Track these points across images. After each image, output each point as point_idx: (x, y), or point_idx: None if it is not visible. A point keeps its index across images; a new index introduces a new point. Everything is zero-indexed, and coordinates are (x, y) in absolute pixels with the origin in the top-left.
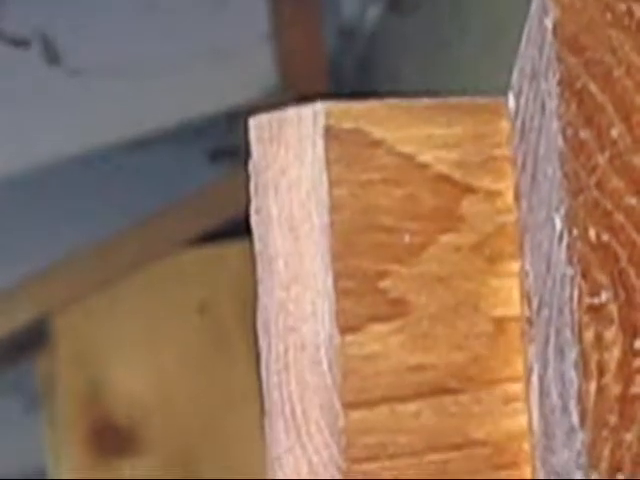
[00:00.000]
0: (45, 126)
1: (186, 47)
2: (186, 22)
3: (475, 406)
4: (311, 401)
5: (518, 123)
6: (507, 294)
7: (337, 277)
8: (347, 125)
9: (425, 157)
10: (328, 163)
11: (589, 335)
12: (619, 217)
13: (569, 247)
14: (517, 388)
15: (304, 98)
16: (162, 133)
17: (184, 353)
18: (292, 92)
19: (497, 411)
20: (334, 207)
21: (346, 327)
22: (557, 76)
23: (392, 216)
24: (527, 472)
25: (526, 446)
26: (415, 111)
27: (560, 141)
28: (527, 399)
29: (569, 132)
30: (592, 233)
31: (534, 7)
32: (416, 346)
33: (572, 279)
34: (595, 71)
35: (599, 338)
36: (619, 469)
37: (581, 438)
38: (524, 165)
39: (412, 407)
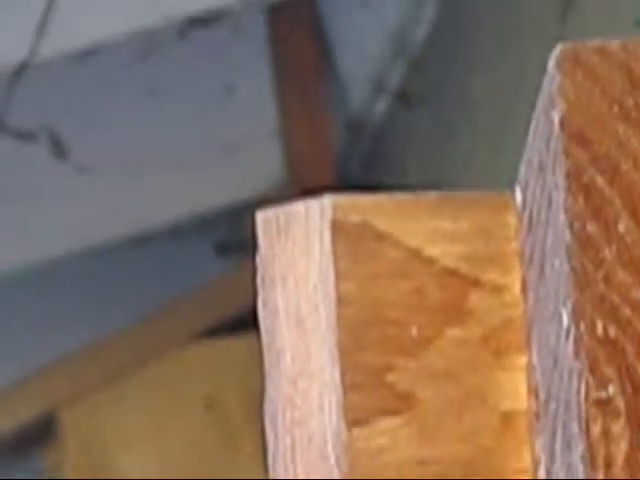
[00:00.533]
0: (51, 221)
1: (193, 141)
2: (193, 117)
3: None
4: None
5: (525, 217)
6: (514, 388)
7: (344, 371)
8: (354, 219)
9: (432, 251)
10: (335, 257)
11: (596, 429)
12: (626, 311)
13: (576, 341)
14: None
15: (311, 192)
16: (169, 227)
17: (191, 447)
18: (299, 186)
19: None
20: (341, 301)
21: (353, 421)
22: (564, 170)
23: (399, 310)
24: None
25: None
26: (422, 205)
27: (567, 235)
28: None
29: (576, 226)
30: (599, 327)
31: (541, 100)
32: (423, 440)
33: (579, 373)
34: (602, 165)
35: (606, 432)
36: None
37: None
38: (531, 259)
39: None
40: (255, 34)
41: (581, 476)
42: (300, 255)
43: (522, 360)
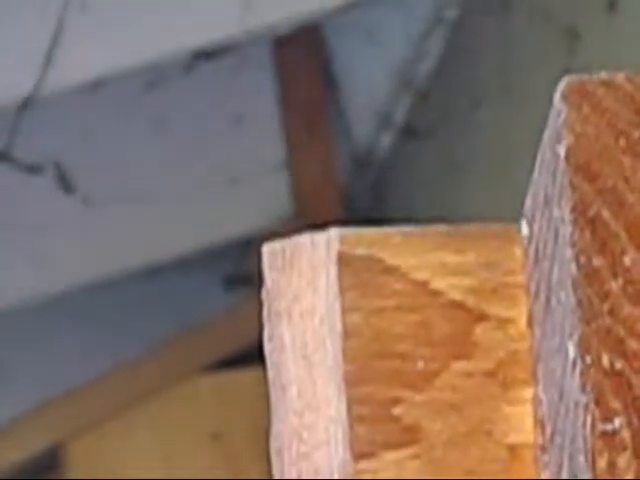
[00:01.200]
0: (57, 254)
1: (200, 174)
2: (200, 150)
3: None
4: None
5: (531, 250)
6: (520, 421)
7: (351, 404)
8: (361, 252)
9: (438, 284)
10: (341, 290)
11: (602, 462)
12: (632, 344)
13: (582, 374)
14: None
15: (318, 225)
16: (176, 260)
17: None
18: (306, 219)
19: None
20: (347, 334)
21: (360, 454)
22: (570, 203)
23: (405, 343)
24: None
25: None
26: (428, 238)
27: (573, 268)
28: None
29: (582, 259)
30: (605, 360)
31: (547, 133)
32: (430, 473)
33: (585, 406)
34: (608, 198)
35: (612, 465)
36: None
37: None
38: (537, 292)
39: None
40: (261, 66)
41: None
42: (306, 288)
43: (528, 393)
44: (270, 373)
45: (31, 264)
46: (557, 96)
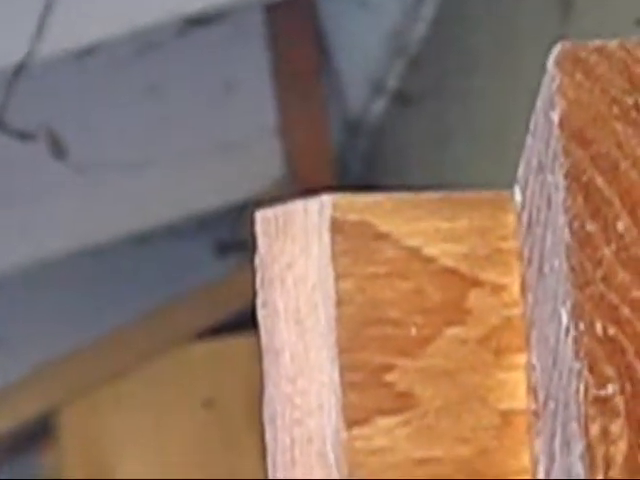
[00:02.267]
0: (49, 220)
1: (192, 141)
2: (192, 116)
3: None
4: None
5: (524, 216)
6: (513, 387)
7: (343, 370)
8: (353, 218)
9: (431, 250)
10: (334, 256)
11: (595, 428)
12: (625, 311)
13: (575, 341)
14: None
15: (310, 191)
16: (168, 226)
17: (191, 447)
18: (298, 185)
19: None
20: (340, 300)
21: (352, 421)
22: (563, 169)
23: (398, 309)
24: None
25: None
26: (421, 204)
27: (566, 234)
28: None
29: (575, 225)
30: (599, 327)
31: (540, 100)
32: (422, 440)
33: (579, 373)
34: (601, 165)
35: (605, 431)
36: None
37: None
38: (530, 258)
39: None
40: (254, 33)
41: (580, 476)
42: (299, 254)
43: (521, 360)
44: (263, 339)
45: (23, 230)
46: (550, 62)
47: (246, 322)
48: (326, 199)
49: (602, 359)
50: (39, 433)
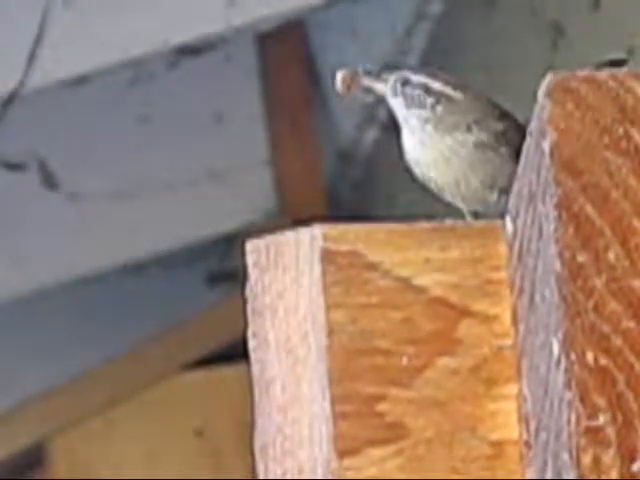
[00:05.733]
0: (41, 250)
1: (182, 171)
2: (183, 146)
3: None
4: None
5: (515, 246)
6: (505, 417)
7: (334, 400)
8: (344, 248)
9: (422, 280)
10: (325, 286)
11: (587, 458)
12: (617, 341)
13: (567, 371)
14: None
15: (302, 221)
16: (158, 257)
17: (181, 476)
18: (290, 216)
19: None
20: (331, 330)
21: (344, 451)
22: (554, 199)
23: (389, 339)
24: None
25: None
26: (412, 234)
27: (557, 264)
28: None
29: (566, 255)
30: (590, 357)
31: (531, 130)
32: (414, 470)
33: (570, 403)
34: (592, 194)
35: (597, 461)
36: None
37: None
38: (521, 288)
39: None
40: (245, 63)
41: None
42: (290, 285)
43: (513, 390)
44: (254, 369)
45: (14, 261)
46: (541, 92)
47: (237, 352)
48: (317, 229)
49: (593, 389)
50: (31, 462)
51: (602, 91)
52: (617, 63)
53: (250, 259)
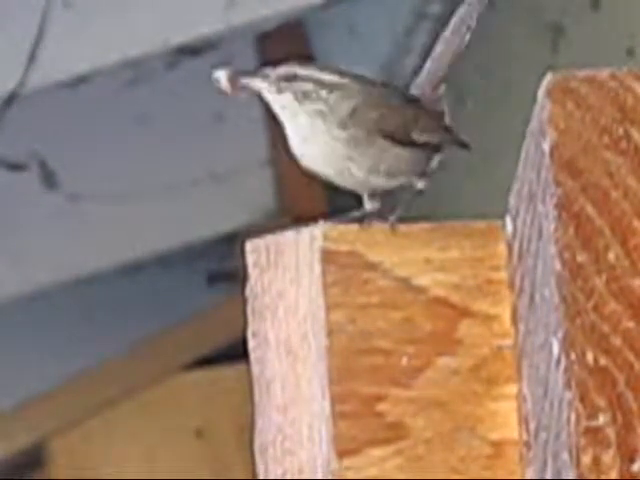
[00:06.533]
0: (40, 250)
1: (182, 171)
2: (183, 146)
3: None
4: None
5: (515, 246)
6: (505, 417)
7: (334, 400)
8: (344, 248)
9: (422, 280)
10: (325, 286)
11: (587, 458)
12: (616, 341)
13: (566, 371)
14: None
15: (302, 221)
16: (158, 257)
17: (181, 476)
18: (290, 215)
19: None
20: (331, 330)
21: (343, 451)
22: (554, 199)
23: (389, 339)
24: None
25: None
26: (412, 235)
27: (557, 264)
28: None
29: (566, 255)
30: (590, 357)
31: (531, 130)
32: (414, 470)
33: (570, 403)
34: (592, 194)
35: (597, 461)
36: None
37: None
38: (521, 288)
39: None
40: (245, 62)
41: None
42: (290, 285)
43: (512, 390)
44: (254, 369)
45: (14, 261)
46: (541, 92)
47: (237, 352)
48: (317, 230)
49: (593, 389)
50: (31, 462)
51: (602, 91)
52: None
53: (250, 259)
